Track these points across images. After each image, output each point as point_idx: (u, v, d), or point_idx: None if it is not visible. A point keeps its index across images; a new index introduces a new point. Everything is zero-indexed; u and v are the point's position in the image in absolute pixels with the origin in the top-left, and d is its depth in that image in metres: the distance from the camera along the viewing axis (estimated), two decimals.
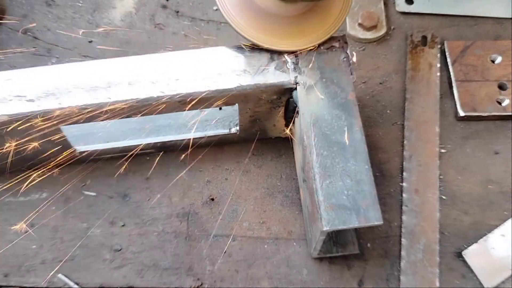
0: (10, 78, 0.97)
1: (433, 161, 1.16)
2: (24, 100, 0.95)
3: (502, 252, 1.06)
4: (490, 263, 1.05)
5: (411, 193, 1.12)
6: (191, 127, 1.05)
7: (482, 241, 1.08)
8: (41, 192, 1.12)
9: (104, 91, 0.96)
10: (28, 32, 1.30)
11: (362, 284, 1.05)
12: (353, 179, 0.92)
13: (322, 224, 0.89)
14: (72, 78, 0.97)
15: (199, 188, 1.13)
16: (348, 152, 0.95)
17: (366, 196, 0.91)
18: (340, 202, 0.91)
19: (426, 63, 1.27)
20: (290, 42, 1.01)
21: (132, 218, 1.11)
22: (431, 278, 1.05)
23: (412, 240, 1.08)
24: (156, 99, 0.96)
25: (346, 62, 1.02)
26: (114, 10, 1.35)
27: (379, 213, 0.90)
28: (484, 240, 1.08)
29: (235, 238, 1.08)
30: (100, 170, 1.14)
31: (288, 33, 1.01)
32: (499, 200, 1.13)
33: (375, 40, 1.31)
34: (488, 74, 1.24)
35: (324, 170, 0.93)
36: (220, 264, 1.06)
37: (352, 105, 0.99)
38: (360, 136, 0.96)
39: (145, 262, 1.06)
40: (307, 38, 1.02)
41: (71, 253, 1.07)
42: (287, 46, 1.01)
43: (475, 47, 1.27)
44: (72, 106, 0.95)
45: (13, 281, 1.04)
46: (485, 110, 1.20)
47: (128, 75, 0.98)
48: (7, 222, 1.09)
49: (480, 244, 1.07)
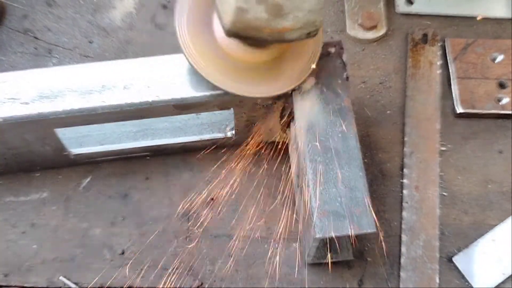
0: (5, 80, 0.96)
1: (433, 158, 1.16)
2: (18, 103, 0.94)
3: (493, 257, 1.06)
4: (481, 268, 1.05)
5: (411, 190, 1.13)
6: (186, 131, 1.04)
7: (473, 246, 1.08)
8: (41, 192, 1.12)
9: (98, 95, 0.96)
10: (28, 32, 1.30)
11: (362, 284, 1.05)
12: (347, 186, 0.92)
13: (315, 231, 0.89)
14: (68, 81, 0.97)
15: (199, 188, 1.13)
16: (342, 158, 0.94)
17: (360, 203, 0.91)
18: (333, 209, 0.90)
19: (426, 61, 1.27)
20: (263, 89, 0.96)
21: (132, 218, 1.11)
22: (430, 274, 1.05)
23: (412, 236, 1.08)
24: (151, 103, 0.96)
25: (342, 67, 1.02)
26: (114, 10, 1.35)
27: (373, 220, 0.90)
28: (474, 245, 1.08)
29: (235, 238, 1.08)
30: (100, 170, 1.14)
31: (259, 78, 0.96)
32: (499, 200, 1.13)
33: (375, 40, 1.31)
34: (488, 72, 1.24)
35: (318, 177, 0.93)
36: (220, 264, 1.06)
37: (347, 111, 0.98)
38: (354, 142, 0.96)
39: (145, 262, 1.06)
40: (279, 82, 0.97)
41: (71, 253, 1.07)
42: (260, 92, 0.96)
43: (476, 45, 1.27)
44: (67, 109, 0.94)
45: (13, 281, 1.04)
46: (483, 108, 1.20)
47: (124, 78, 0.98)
48: (7, 222, 1.09)
49: (471, 249, 1.07)
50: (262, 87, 0.96)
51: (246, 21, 0.81)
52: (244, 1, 0.79)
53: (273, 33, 0.84)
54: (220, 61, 0.93)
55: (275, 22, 0.82)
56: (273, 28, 0.83)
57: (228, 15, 0.82)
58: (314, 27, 0.85)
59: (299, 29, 0.84)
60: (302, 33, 0.86)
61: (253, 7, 0.80)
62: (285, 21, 0.82)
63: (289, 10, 0.81)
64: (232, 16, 0.81)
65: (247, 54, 0.94)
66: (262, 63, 0.96)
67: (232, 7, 0.80)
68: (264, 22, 0.82)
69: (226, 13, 0.82)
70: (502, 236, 1.08)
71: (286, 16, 0.82)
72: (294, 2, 0.81)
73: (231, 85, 0.94)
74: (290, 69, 0.97)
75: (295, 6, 0.81)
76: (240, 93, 0.95)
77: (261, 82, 0.96)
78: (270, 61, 0.96)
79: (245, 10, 0.80)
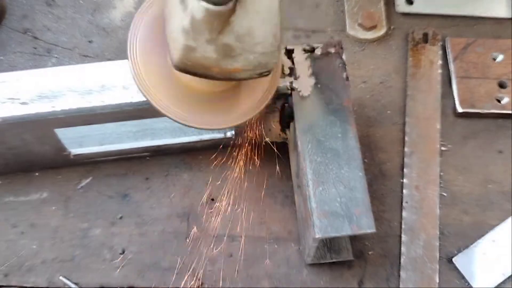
0: (4, 80, 0.96)
1: (433, 158, 1.16)
2: (18, 103, 0.94)
3: (493, 258, 1.06)
4: (481, 269, 1.05)
5: (411, 189, 1.13)
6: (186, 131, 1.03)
7: (473, 246, 1.08)
8: (41, 192, 1.12)
9: (98, 95, 0.96)
10: (28, 32, 1.30)
11: (362, 284, 1.05)
12: (346, 186, 0.92)
13: (314, 231, 0.89)
14: (67, 81, 0.97)
15: (199, 188, 1.13)
16: (342, 158, 0.94)
17: (359, 203, 0.91)
18: (333, 209, 0.90)
19: (427, 60, 1.27)
20: (222, 120, 0.91)
21: (132, 218, 1.11)
22: (430, 274, 1.05)
23: (412, 236, 1.08)
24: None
25: (342, 67, 1.02)
26: (114, 10, 1.35)
27: (372, 220, 0.90)
28: (474, 246, 1.08)
29: (235, 238, 1.08)
30: (100, 170, 1.14)
31: (217, 109, 0.92)
32: (499, 200, 1.13)
33: (375, 40, 1.31)
34: (488, 72, 1.24)
35: (317, 177, 0.93)
36: (220, 264, 1.06)
37: (347, 111, 0.98)
38: (354, 142, 0.96)
39: (145, 262, 1.06)
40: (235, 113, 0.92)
41: (71, 253, 1.07)
42: (219, 124, 0.92)
43: (477, 44, 1.27)
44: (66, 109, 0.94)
45: (13, 281, 1.04)
46: (483, 107, 1.20)
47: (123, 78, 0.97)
48: (7, 222, 1.09)
49: (470, 249, 1.07)
50: (218, 118, 0.92)
51: (194, 59, 0.78)
52: (193, 40, 0.75)
53: (222, 72, 0.80)
54: (174, 91, 0.89)
55: (224, 62, 0.78)
56: (222, 68, 0.79)
57: (176, 52, 0.78)
58: (266, 68, 0.82)
59: (250, 70, 0.81)
60: (253, 74, 0.82)
61: (202, 46, 0.76)
62: (235, 62, 0.79)
63: (239, 51, 0.78)
64: (180, 53, 0.77)
65: (201, 84, 0.88)
66: (217, 93, 0.91)
67: (181, 44, 0.76)
68: (213, 61, 0.78)
69: (175, 49, 0.78)
70: (502, 236, 1.08)
71: (237, 57, 0.78)
72: (245, 44, 0.77)
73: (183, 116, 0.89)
74: (247, 99, 0.93)
75: (246, 49, 0.78)
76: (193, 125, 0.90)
77: (217, 113, 0.92)
78: (226, 90, 0.91)
79: (193, 48, 0.76)
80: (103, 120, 0.99)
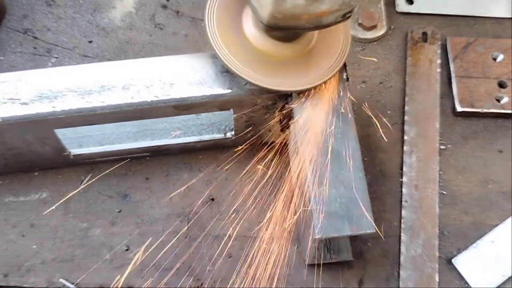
0: (4, 80, 0.96)
1: (433, 157, 1.16)
2: (18, 103, 0.94)
3: (492, 259, 1.06)
4: (481, 270, 1.05)
5: (410, 188, 1.13)
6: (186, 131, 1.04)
7: (472, 247, 1.08)
8: (41, 192, 1.12)
9: (98, 95, 0.96)
10: (28, 32, 1.30)
11: (362, 284, 1.05)
12: (346, 186, 0.92)
13: (314, 231, 0.89)
14: (67, 81, 0.97)
15: (199, 188, 1.13)
16: (342, 159, 0.94)
17: (359, 204, 0.91)
18: (332, 209, 0.90)
19: (426, 59, 1.27)
20: (292, 82, 0.97)
21: (132, 218, 1.11)
22: (430, 273, 1.05)
23: (412, 235, 1.08)
24: (150, 103, 0.96)
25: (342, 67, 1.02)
26: (114, 10, 1.35)
27: (372, 221, 0.90)
28: (474, 246, 1.08)
29: (235, 238, 1.08)
30: (100, 170, 1.14)
31: (289, 73, 0.98)
32: (499, 200, 1.13)
33: (375, 40, 1.31)
34: (488, 72, 1.24)
35: (317, 177, 0.93)
36: (220, 264, 1.06)
37: (347, 111, 0.98)
38: (354, 142, 0.96)
39: (145, 262, 1.06)
40: (310, 76, 0.98)
41: (71, 253, 1.07)
42: (290, 86, 0.97)
43: (477, 44, 1.27)
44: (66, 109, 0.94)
45: (13, 281, 1.04)
46: (483, 107, 1.20)
47: (123, 79, 0.98)
48: (7, 222, 1.09)
49: (470, 250, 1.07)
50: (294, 81, 0.98)
51: (285, 10, 0.83)
52: None
53: (311, 18, 0.85)
54: (251, 57, 0.96)
55: (313, 7, 0.83)
56: (311, 14, 0.84)
57: (266, 7, 0.84)
58: (350, 7, 0.87)
59: (336, 11, 0.86)
60: (338, 16, 0.87)
61: None
62: (322, 5, 0.84)
63: None
64: (270, 7, 0.83)
65: (277, 49, 0.96)
66: (291, 58, 0.98)
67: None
68: (302, 8, 0.83)
69: (263, 6, 0.84)
70: (501, 237, 1.08)
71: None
72: None
73: (263, 80, 0.95)
74: (320, 64, 0.99)
75: None
76: (274, 88, 0.96)
77: (292, 77, 0.98)
78: (299, 56, 0.98)
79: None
80: (103, 120, 0.99)
